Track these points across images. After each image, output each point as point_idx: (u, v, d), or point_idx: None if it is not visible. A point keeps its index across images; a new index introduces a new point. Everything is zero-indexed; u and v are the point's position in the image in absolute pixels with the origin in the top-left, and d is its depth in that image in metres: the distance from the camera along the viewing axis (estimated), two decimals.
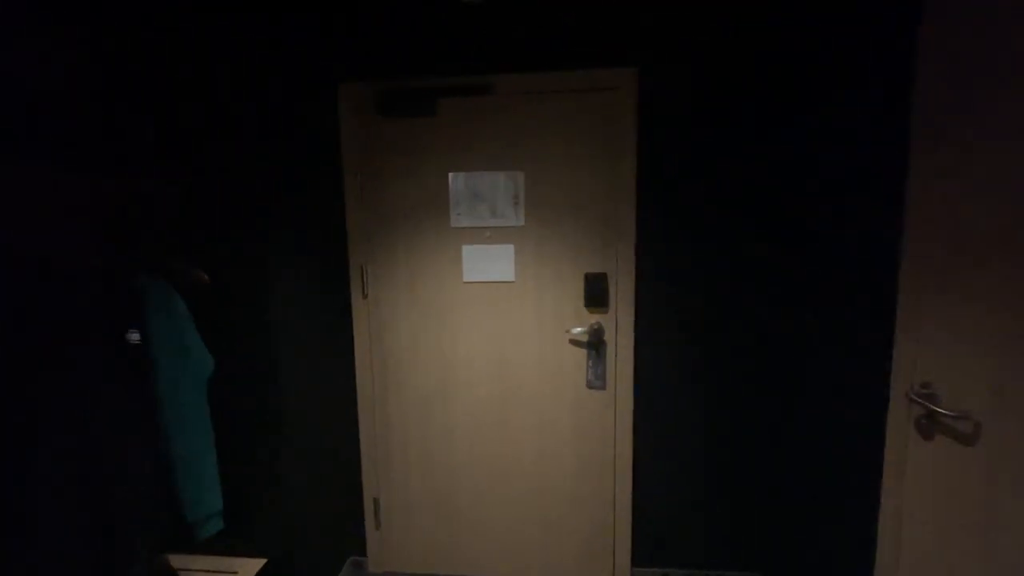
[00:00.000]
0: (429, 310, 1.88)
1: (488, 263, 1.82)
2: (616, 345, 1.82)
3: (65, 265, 1.26)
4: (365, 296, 1.91)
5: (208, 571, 1.59)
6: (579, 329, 1.81)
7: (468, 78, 1.73)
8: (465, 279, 1.84)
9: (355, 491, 2.01)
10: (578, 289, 1.81)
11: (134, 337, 1.31)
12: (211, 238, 1.54)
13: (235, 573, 1.58)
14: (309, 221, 1.78)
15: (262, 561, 1.63)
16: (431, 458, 1.96)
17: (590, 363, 1.85)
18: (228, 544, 1.66)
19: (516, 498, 1.94)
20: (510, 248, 1.81)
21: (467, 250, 1.83)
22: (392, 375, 1.94)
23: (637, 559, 1.89)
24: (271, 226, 1.56)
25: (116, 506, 1.19)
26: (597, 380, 1.85)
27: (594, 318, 1.82)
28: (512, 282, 1.83)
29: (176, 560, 1.58)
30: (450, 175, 1.81)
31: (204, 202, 1.52)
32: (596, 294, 1.79)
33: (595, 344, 1.82)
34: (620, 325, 1.80)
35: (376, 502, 2.02)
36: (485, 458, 1.93)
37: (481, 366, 1.88)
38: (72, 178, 1.27)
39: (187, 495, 1.37)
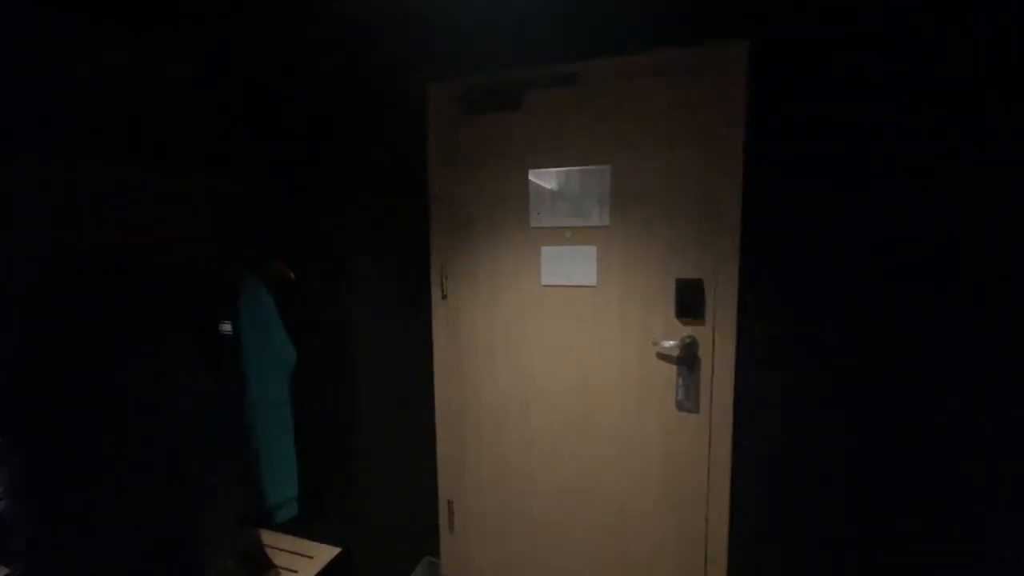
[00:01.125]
0: (507, 313, 1.81)
1: (568, 266, 1.70)
2: (712, 362, 1.58)
3: (178, 261, 1.40)
4: (444, 297, 1.90)
5: (288, 550, 1.68)
6: (669, 343, 1.61)
7: (553, 67, 1.62)
8: (543, 282, 1.74)
9: (430, 491, 2.02)
10: (668, 297, 1.61)
11: (226, 328, 1.42)
12: (298, 237, 1.61)
13: (311, 557, 1.65)
14: (392, 221, 1.81)
15: (337, 550, 1.69)
16: (506, 467, 1.88)
17: (681, 381, 1.63)
18: (305, 530, 1.74)
19: (595, 522, 1.79)
20: (592, 250, 1.67)
21: (546, 252, 1.72)
22: (469, 378, 1.90)
23: None
24: (354, 226, 1.60)
25: (209, 475, 1.28)
26: (689, 402, 1.63)
27: (687, 330, 1.60)
28: (594, 287, 1.68)
29: (264, 535, 1.70)
30: (530, 172, 1.71)
31: (292, 203, 1.60)
32: (689, 303, 1.58)
33: (687, 360, 1.60)
34: (718, 339, 1.56)
35: (450, 505, 2.00)
36: (563, 475, 1.80)
37: (560, 376, 1.76)
38: (182, 182, 1.41)
39: (266, 479, 1.45)
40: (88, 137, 1.24)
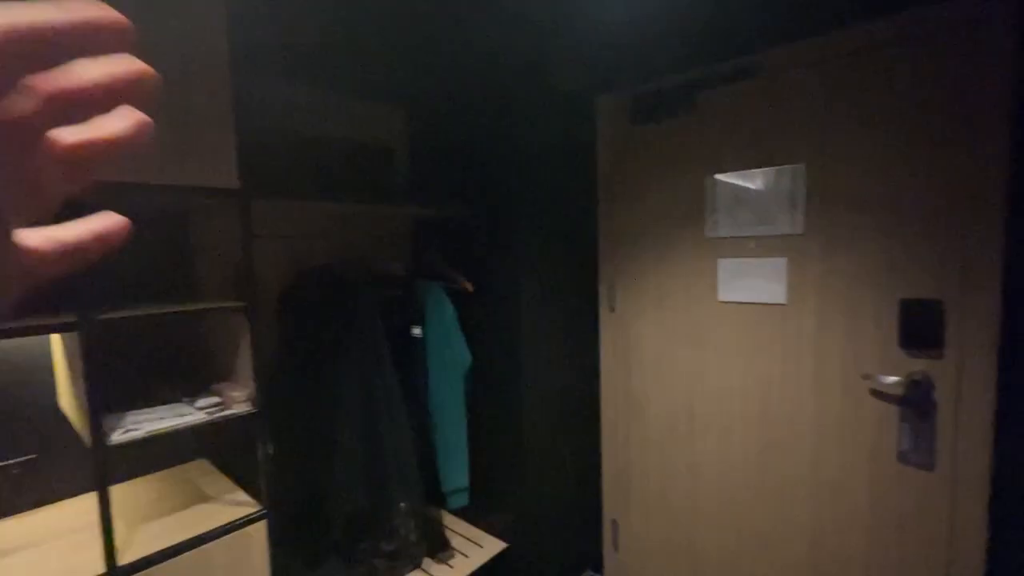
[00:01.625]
0: (678, 330, 1.69)
1: (751, 280, 1.50)
2: (956, 408, 1.22)
3: (382, 274, 1.68)
4: (612, 310, 1.86)
5: (463, 535, 1.85)
6: (891, 379, 1.29)
7: (729, 62, 1.46)
8: (720, 298, 1.57)
9: (594, 505, 1.99)
10: (886, 321, 1.29)
11: (416, 331, 1.64)
12: (475, 252, 1.78)
13: (481, 546, 1.79)
14: (562, 234, 1.85)
15: (504, 544, 1.79)
16: (671, 495, 1.75)
17: (907, 428, 1.30)
18: (478, 520, 1.89)
19: (777, 569, 1.53)
20: (781, 263, 1.45)
21: (724, 264, 1.55)
22: (637, 395, 1.83)
23: None
24: (527, 239, 1.70)
25: (398, 455, 1.50)
26: (918, 454, 1.28)
27: (917, 365, 1.27)
28: (783, 305, 1.45)
29: (444, 518, 1.91)
30: (706, 178, 1.57)
31: (472, 222, 1.77)
32: (920, 330, 1.25)
33: (917, 402, 1.27)
34: (967, 380, 1.20)
35: (615, 524, 1.94)
36: (738, 517, 1.60)
37: (736, 404, 1.57)
38: (385, 210, 1.69)
39: (442, 466, 1.63)
40: (317, 180, 1.60)
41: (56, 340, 1.20)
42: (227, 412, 1.13)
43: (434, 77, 1.81)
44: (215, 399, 1.16)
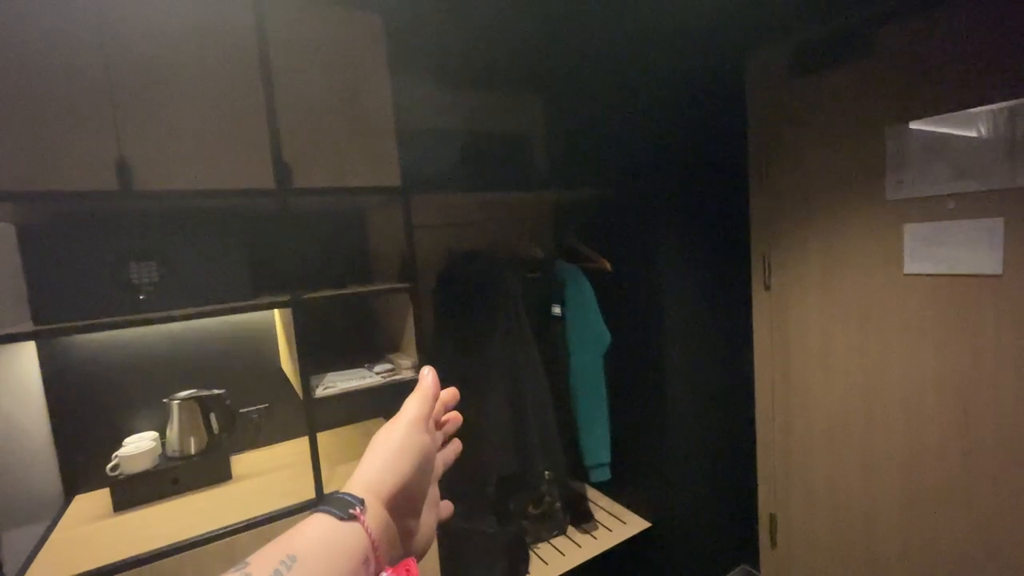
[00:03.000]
0: (848, 309, 1.48)
1: (950, 248, 1.25)
2: None
3: (525, 256, 1.77)
4: (767, 288, 1.70)
5: (606, 510, 1.88)
6: None
7: None
8: (907, 270, 1.34)
9: (748, 497, 1.86)
10: None
11: (556, 310, 1.70)
12: (616, 230, 1.77)
13: (625, 523, 1.81)
14: (707, 206, 1.74)
15: (647, 524, 1.79)
16: (842, 494, 1.56)
17: None
18: (623, 498, 1.91)
19: None
20: (996, 224, 1.18)
21: (912, 230, 1.32)
22: (798, 380, 1.65)
23: None
24: (665, 216, 1.64)
25: (541, 427, 1.59)
26: None
27: None
28: (996, 276, 1.19)
29: (589, 492, 1.96)
30: (887, 130, 1.34)
31: (607, 199, 1.76)
32: None
33: None
34: None
35: (773, 519, 1.80)
36: (932, 529, 1.36)
37: (929, 397, 1.33)
38: (529, 197, 1.77)
39: (584, 443, 1.68)
40: (464, 173, 1.74)
41: (277, 315, 1.53)
42: (397, 377, 1.32)
43: (570, 61, 1.83)
44: (388, 366, 1.37)
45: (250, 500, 1.22)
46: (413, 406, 0.43)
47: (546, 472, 1.63)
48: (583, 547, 1.70)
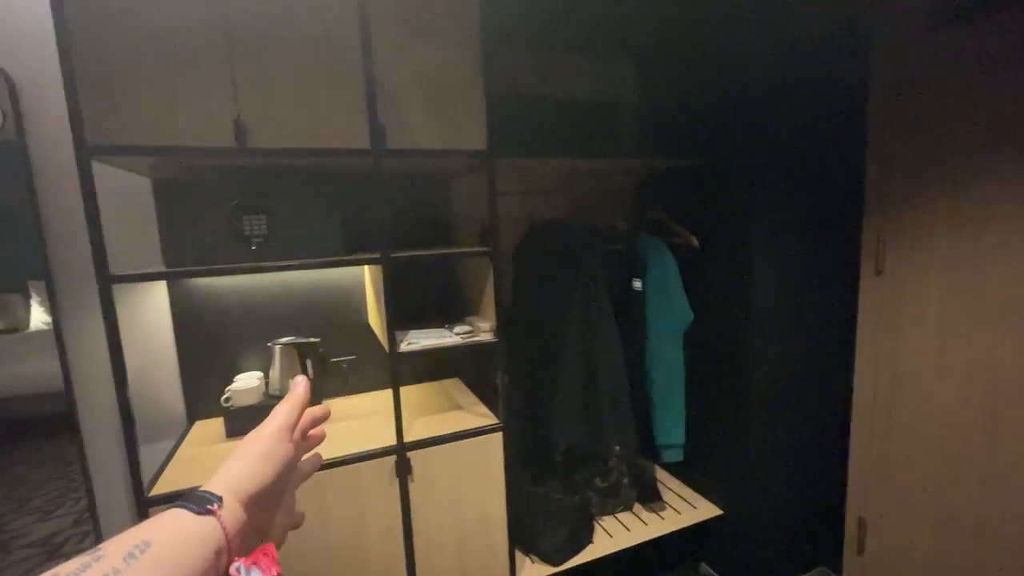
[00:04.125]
0: (981, 302, 1.30)
1: None
2: None
3: (607, 227, 1.73)
4: (878, 273, 1.53)
5: (676, 492, 1.84)
6: None
7: None
8: None
9: (833, 495, 1.73)
10: None
11: (637, 285, 1.65)
12: (702, 205, 1.67)
13: (695, 507, 1.76)
14: (810, 183, 1.59)
15: (718, 511, 1.72)
16: (950, 502, 1.40)
17: None
18: (695, 482, 1.85)
19: None
20: None
21: None
22: (908, 376, 1.49)
23: None
24: (760, 192, 1.52)
25: (614, 402, 1.57)
26: None
27: None
28: None
29: (659, 472, 1.93)
30: None
31: (698, 170, 1.66)
32: None
33: None
34: None
35: (862, 522, 1.66)
36: None
37: None
38: (614, 162, 1.71)
39: (657, 420, 1.64)
40: (549, 139, 1.71)
41: (366, 272, 1.62)
42: (475, 339, 1.36)
43: (668, 24, 1.72)
44: (467, 328, 1.40)
45: (337, 440, 1.33)
46: (282, 413, 0.44)
47: (617, 447, 1.62)
48: (649, 525, 1.68)
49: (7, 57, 1.27)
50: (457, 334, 1.38)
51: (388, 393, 1.68)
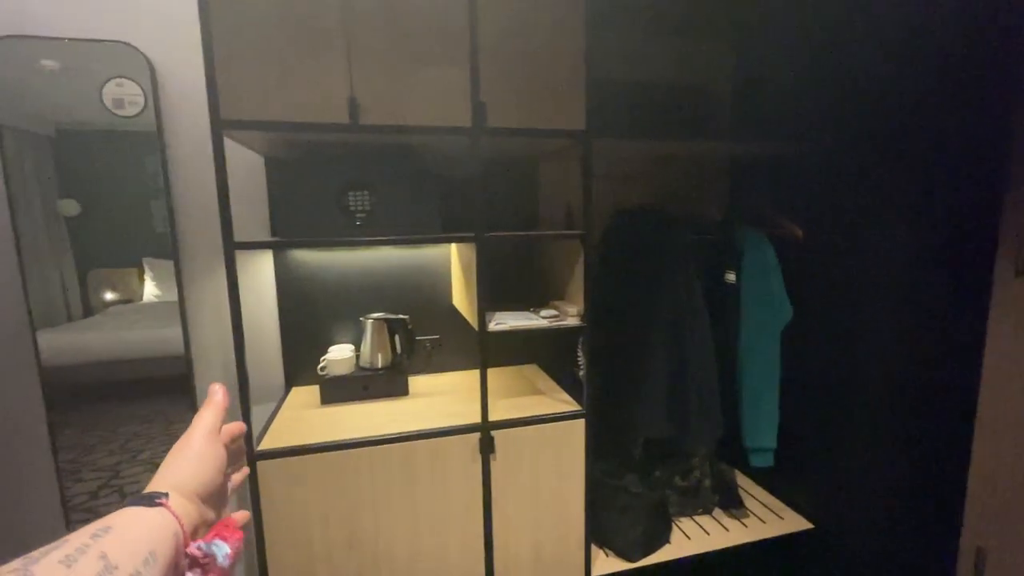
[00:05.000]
0: None
1: None
2: None
3: (698, 216, 1.65)
4: (1019, 274, 1.35)
5: (760, 501, 1.74)
6: None
7: None
8: None
9: (945, 519, 1.56)
10: None
11: (730, 277, 1.57)
12: (804, 195, 1.55)
13: (782, 518, 1.65)
14: (933, 172, 1.43)
15: (808, 525, 1.61)
16: None
17: None
18: (775, 490, 1.74)
19: None
20: None
21: None
22: None
23: None
24: (872, 180, 1.39)
25: (699, 397, 1.51)
26: None
27: None
28: None
29: (740, 476, 1.83)
30: None
31: (800, 157, 1.54)
32: None
33: None
34: None
35: (981, 553, 1.49)
36: None
37: None
38: (709, 146, 1.63)
39: (747, 421, 1.55)
40: (639, 123, 1.66)
41: (453, 253, 1.65)
42: (563, 323, 1.34)
43: (771, 3, 1.61)
44: (552, 312, 1.39)
45: (423, 415, 1.36)
46: (208, 416, 0.48)
47: (702, 446, 1.55)
48: (731, 532, 1.60)
49: (148, 42, 1.40)
50: (544, 317, 1.37)
51: (469, 373, 1.72)
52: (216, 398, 0.50)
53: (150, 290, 1.58)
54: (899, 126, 1.40)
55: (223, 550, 0.41)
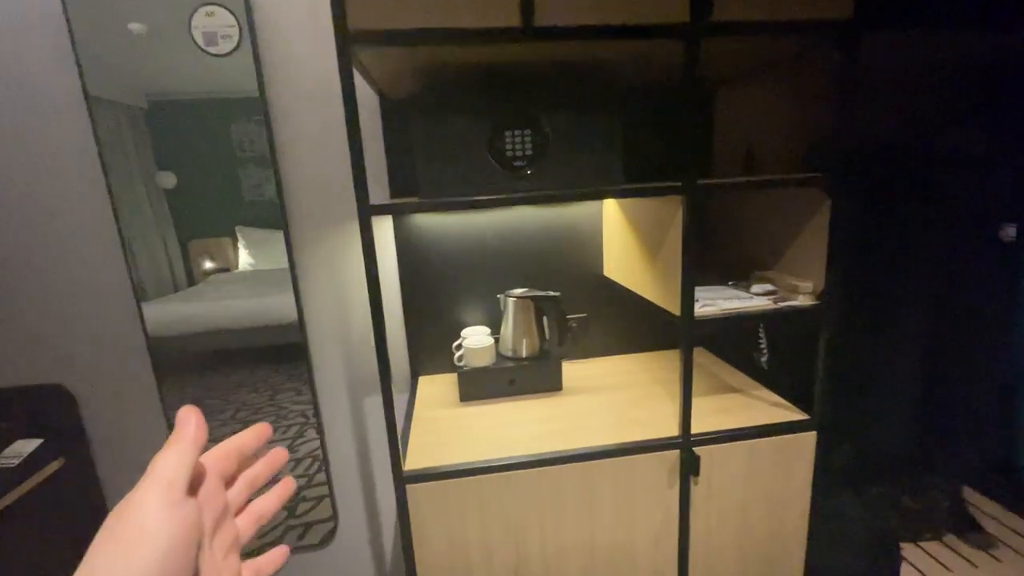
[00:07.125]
0: None
1: None
2: None
3: (954, 152, 1.19)
4: None
5: (1002, 522, 1.33)
6: None
7: None
8: None
9: None
10: None
11: (1009, 233, 1.12)
12: None
13: None
14: None
15: None
16: None
17: None
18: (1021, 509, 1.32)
19: None
20: None
21: None
22: None
23: None
24: None
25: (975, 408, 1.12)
26: None
27: None
28: None
29: (975, 495, 1.41)
30: None
31: None
32: None
33: None
34: None
35: None
36: None
37: None
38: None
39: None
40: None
41: (605, 212, 1.30)
42: (791, 303, 0.97)
43: None
44: (767, 286, 1.03)
45: (591, 421, 1.07)
46: (168, 468, 0.28)
47: (955, 463, 1.16)
48: (978, 568, 1.22)
49: None
50: (756, 294, 1.01)
51: (623, 359, 1.40)
52: (185, 431, 0.30)
53: (244, 259, 1.47)
54: None
55: None
